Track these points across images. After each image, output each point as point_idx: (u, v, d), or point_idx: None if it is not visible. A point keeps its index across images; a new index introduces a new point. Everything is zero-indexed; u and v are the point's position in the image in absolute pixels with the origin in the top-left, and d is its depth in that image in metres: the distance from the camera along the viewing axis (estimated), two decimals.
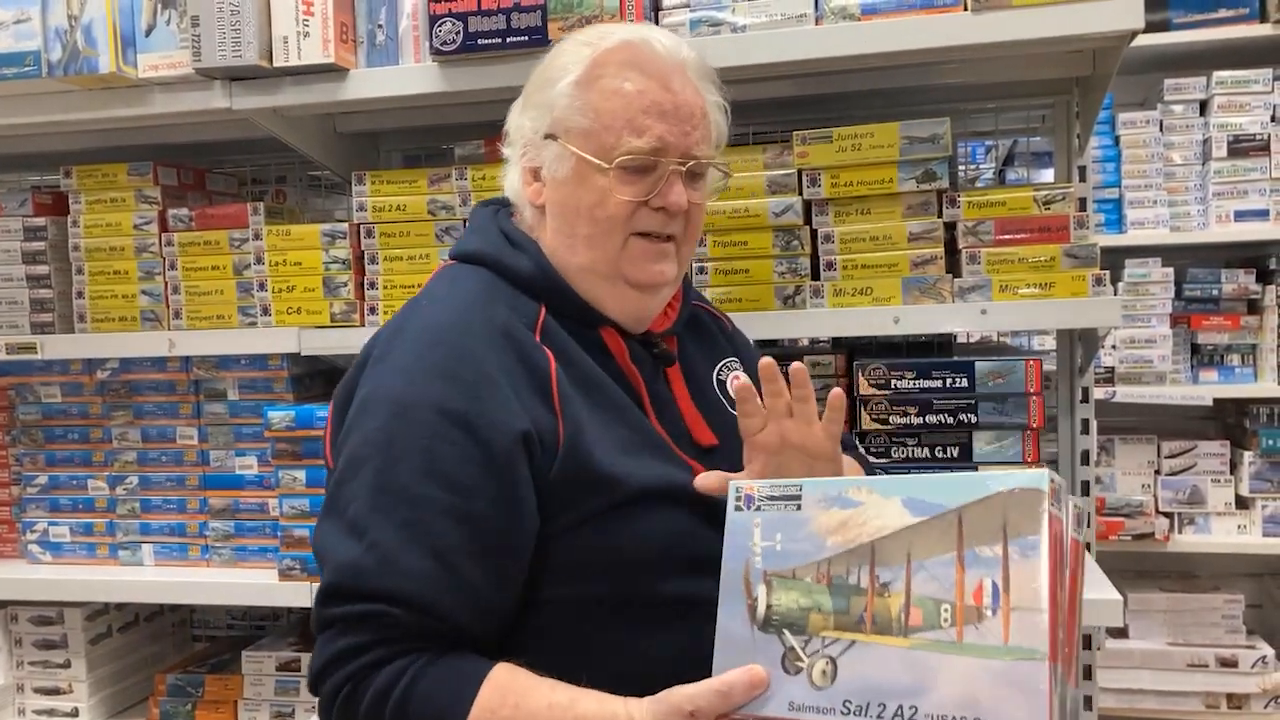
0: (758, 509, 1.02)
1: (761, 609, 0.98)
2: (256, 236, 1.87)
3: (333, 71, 1.68)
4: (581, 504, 1.11)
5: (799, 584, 0.98)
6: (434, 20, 1.60)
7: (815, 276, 1.67)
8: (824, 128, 1.63)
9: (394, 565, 1.03)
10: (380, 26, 1.70)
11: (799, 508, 1.00)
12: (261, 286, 1.86)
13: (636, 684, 1.04)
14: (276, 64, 1.66)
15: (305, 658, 1.94)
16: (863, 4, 1.52)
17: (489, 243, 1.24)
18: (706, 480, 1.15)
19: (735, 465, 1.20)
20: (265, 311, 1.86)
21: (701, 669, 0.99)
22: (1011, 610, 0.87)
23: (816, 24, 1.54)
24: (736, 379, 1.31)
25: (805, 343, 2.05)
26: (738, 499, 1.02)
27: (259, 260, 1.86)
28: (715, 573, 1.02)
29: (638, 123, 1.16)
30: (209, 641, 2.33)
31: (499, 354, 1.12)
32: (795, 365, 1.17)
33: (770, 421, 1.17)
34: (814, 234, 1.66)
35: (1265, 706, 2.88)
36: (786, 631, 0.97)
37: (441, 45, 1.61)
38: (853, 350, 1.79)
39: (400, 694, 1.02)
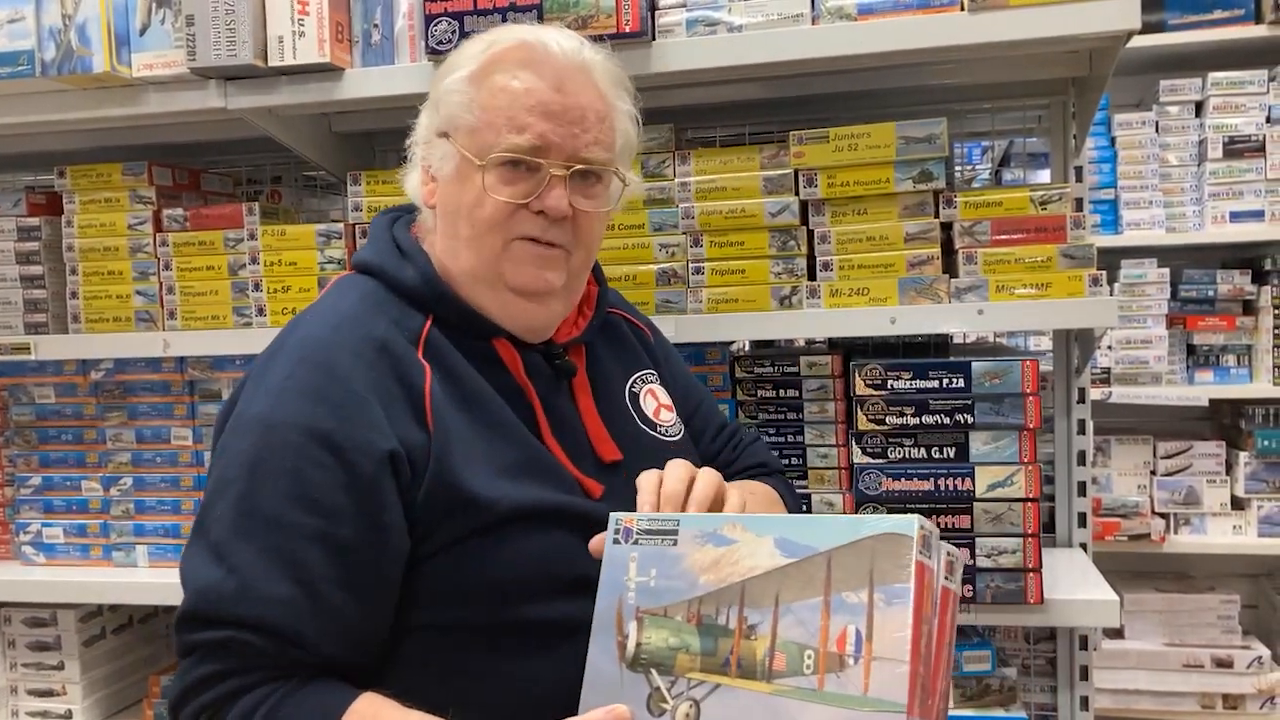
0: (635, 542, 1.01)
1: (631, 647, 0.97)
2: (251, 237, 1.86)
3: (328, 71, 1.67)
4: (450, 527, 1.08)
5: (669, 622, 0.97)
6: (429, 20, 1.60)
7: (811, 277, 1.67)
8: (820, 128, 1.63)
9: (255, 591, 1.01)
10: (376, 26, 1.69)
11: (675, 543, 0.99)
12: (256, 287, 1.86)
13: (509, 713, 1.04)
14: (271, 63, 1.65)
15: None
16: (859, 4, 1.52)
17: (378, 252, 1.22)
18: (595, 544, 1.05)
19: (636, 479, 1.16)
20: (260, 312, 1.86)
21: (574, 697, 0.97)
22: (873, 660, 0.87)
23: (813, 24, 1.54)
24: (651, 394, 1.31)
25: (801, 343, 2.04)
26: (616, 531, 1.02)
27: (254, 260, 1.86)
28: (594, 596, 1.01)
29: (519, 120, 1.13)
30: None
31: (371, 370, 1.09)
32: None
33: None
34: (810, 234, 1.66)
35: (1260, 707, 2.88)
36: (654, 671, 0.96)
37: (437, 45, 1.60)
38: (849, 350, 1.79)
39: None
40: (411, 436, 1.07)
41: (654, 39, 1.57)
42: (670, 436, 1.29)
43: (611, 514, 1.03)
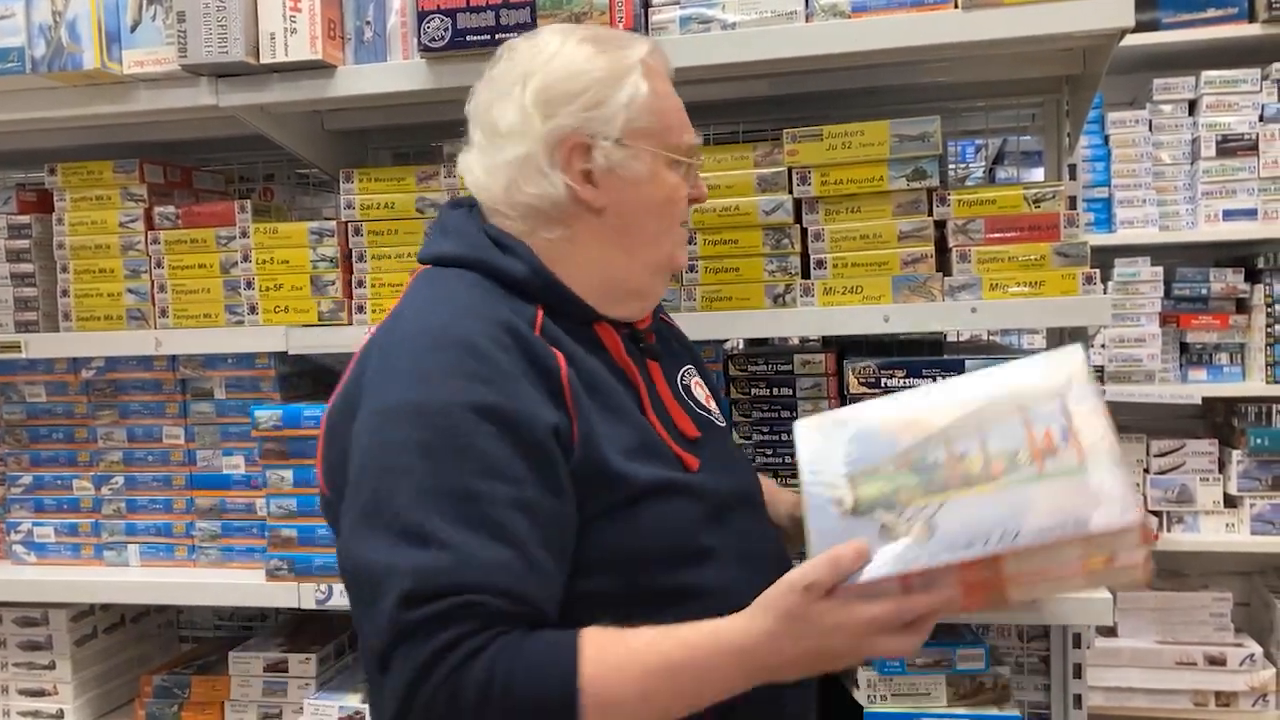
0: (827, 435, 1.14)
1: (849, 501, 1.05)
2: (244, 234, 1.85)
3: (320, 68, 1.67)
4: (594, 501, 1.10)
5: (882, 474, 1.06)
6: (422, 16, 1.59)
7: (805, 275, 1.66)
8: (814, 125, 1.63)
9: (474, 559, 1.00)
10: (368, 23, 1.69)
11: (866, 425, 1.12)
12: (249, 285, 1.85)
13: None
14: (263, 61, 1.65)
15: (293, 659, 1.93)
16: (853, 1, 1.52)
17: (473, 245, 1.20)
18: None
19: (715, 456, 1.25)
20: (252, 310, 1.85)
21: None
22: (1080, 441, 0.99)
23: (807, 21, 1.54)
24: (698, 384, 1.37)
25: (795, 341, 2.04)
26: (804, 430, 1.17)
27: (246, 258, 1.85)
28: (715, 563, 1.11)
29: (685, 122, 1.26)
30: (196, 642, 2.31)
31: (508, 354, 1.09)
32: None
33: None
34: (804, 232, 1.66)
35: (1253, 704, 2.89)
36: (879, 510, 1.03)
37: (430, 42, 1.60)
38: (843, 349, 1.79)
39: (504, 675, 0.97)
40: (559, 417, 1.09)
41: (648, 36, 1.57)
42: (721, 423, 1.36)
43: (796, 423, 1.18)
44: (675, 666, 1.01)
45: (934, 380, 1.55)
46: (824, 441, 1.13)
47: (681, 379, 1.34)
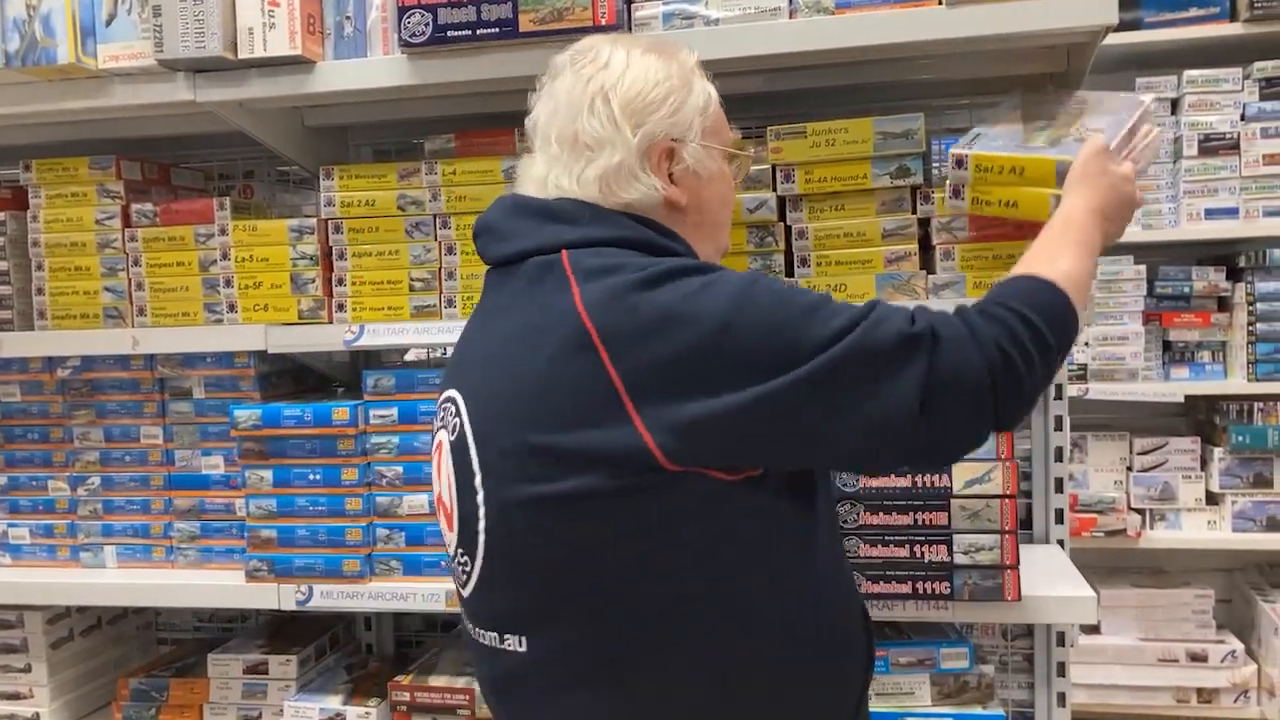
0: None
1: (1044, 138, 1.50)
2: (223, 232, 1.83)
3: (299, 64, 1.65)
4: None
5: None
6: (403, 12, 1.58)
7: (789, 273, 1.66)
8: (798, 123, 1.62)
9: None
10: (348, 18, 1.67)
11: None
12: (228, 283, 1.83)
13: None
14: (241, 56, 1.63)
15: (273, 660, 1.91)
16: None
17: (629, 228, 1.19)
18: None
19: None
20: (232, 308, 1.83)
21: None
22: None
23: (790, 18, 1.53)
24: None
25: None
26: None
27: (225, 256, 1.83)
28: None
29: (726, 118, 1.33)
30: (174, 644, 2.29)
31: None
32: None
33: None
34: (788, 230, 1.65)
35: (1235, 700, 2.90)
36: (1063, 138, 1.50)
37: (410, 37, 1.58)
38: None
39: (1021, 314, 1.10)
40: None
41: (630, 32, 1.56)
42: None
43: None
44: (1074, 244, 1.25)
45: None
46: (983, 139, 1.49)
47: None
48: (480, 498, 1.14)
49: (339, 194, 1.79)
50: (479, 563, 1.16)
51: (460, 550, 1.20)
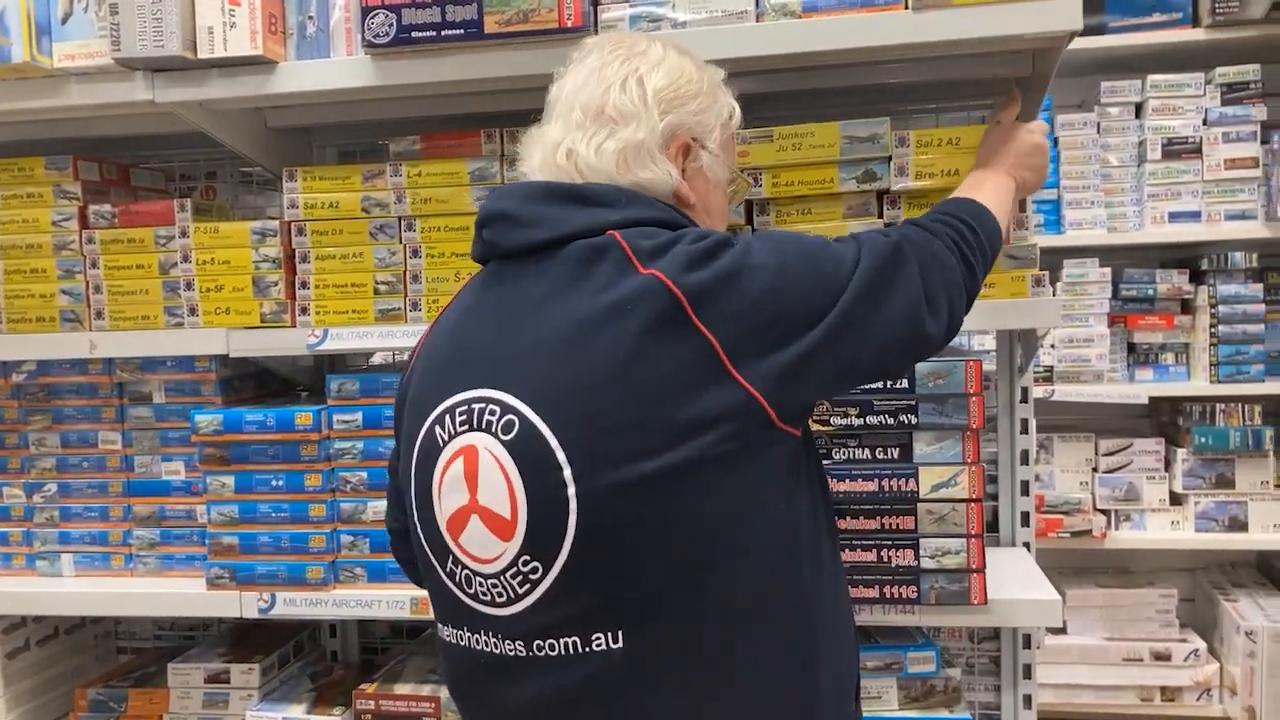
0: None
1: None
2: (183, 234, 1.80)
3: (261, 64, 1.62)
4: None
5: None
6: (366, 12, 1.56)
7: None
8: (765, 126, 1.62)
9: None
10: (311, 18, 1.64)
11: None
12: (188, 286, 1.80)
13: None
14: (201, 55, 1.60)
15: (235, 669, 1.88)
16: (804, 1, 1.50)
17: (669, 211, 1.21)
18: None
19: None
20: (192, 311, 1.80)
21: None
22: None
23: (757, 21, 1.52)
24: None
25: None
26: None
27: (186, 259, 1.80)
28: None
29: None
30: (134, 653, 2.25)
31: None
32: None
33: None
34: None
35: (1197, 699, 2.93)
36: None
37: (374, 38, 1.56)
38: None
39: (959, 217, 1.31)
40: None
41: (597, 34, 1.54)
42: None
43: None
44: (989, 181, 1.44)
45: (885, 383, 1.54)
46: None
47: None
48: (571, 490, 1.07)
49: (302, 196, 1.76)
50: (561, 562, 1.08)
51: (526, 558, 1.10)
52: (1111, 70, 3.02)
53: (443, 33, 1.54)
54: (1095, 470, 2.99)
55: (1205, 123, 2.90)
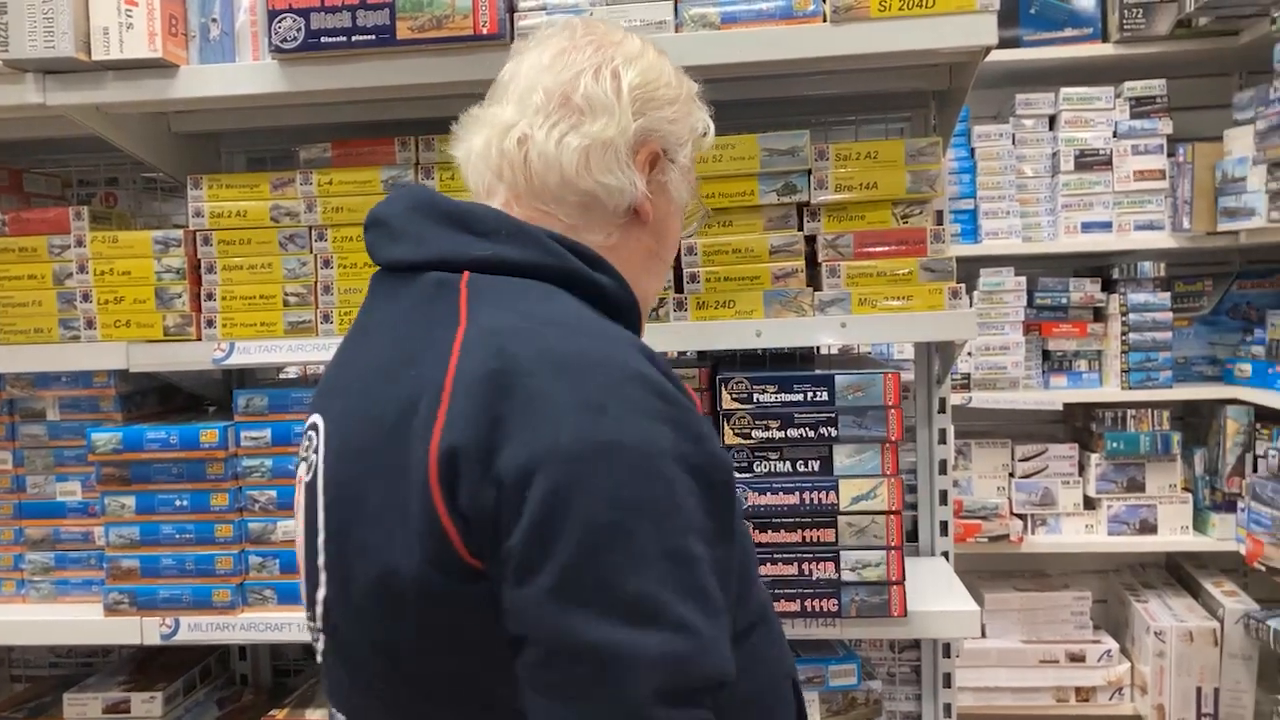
0: None
1: None
2: (79, 243, 1.72)
3: (161, 67, 1.56)
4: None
5: None
6: (273, 16, 1.50)
7: (679, 289, 1.63)
8: None
9: (714, 642, 0.87)
10: (214, 20, 1.58)
11: None
12: (85, 298, 1.72)
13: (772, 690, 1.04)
14: (96, 57, 1.53)
15: (136, 698, 1.80)
16: (723, 13, 1.49)
17: (552, 253, 1.01)
18: None
19: None
20: (90, 325, 1.72)
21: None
22: None
23: (676, 31, 1.50)
24: None
25: (674, 355, 2.01)
26: None
27: (83, 269, 1.72)
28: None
29: None
30: (29, 682, 2.14)
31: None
32: None
33: None
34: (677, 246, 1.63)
35: (1110, 698, 3.00)
36: None
37: (282, 43, 1.51)
38: (717, 362, 1.77)
39: None
40: None
41: (513, 41, 1.51)
42: None
43: None
44: None
45: (805, 396, 1.54)
46: None
47: None
48: (320, 561, 0.99)
49: (208, 204, 1.70)
50: (322, 637, 1.02)
51: (308, 613, 1.04)
52: (1026, 83, 3.08)
53: (353, 38, 1.50)
54: (1012, 476, 3.04)
55: (1115, 135, 2.97)
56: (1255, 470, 2.85)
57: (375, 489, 0.94)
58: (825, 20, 1.48)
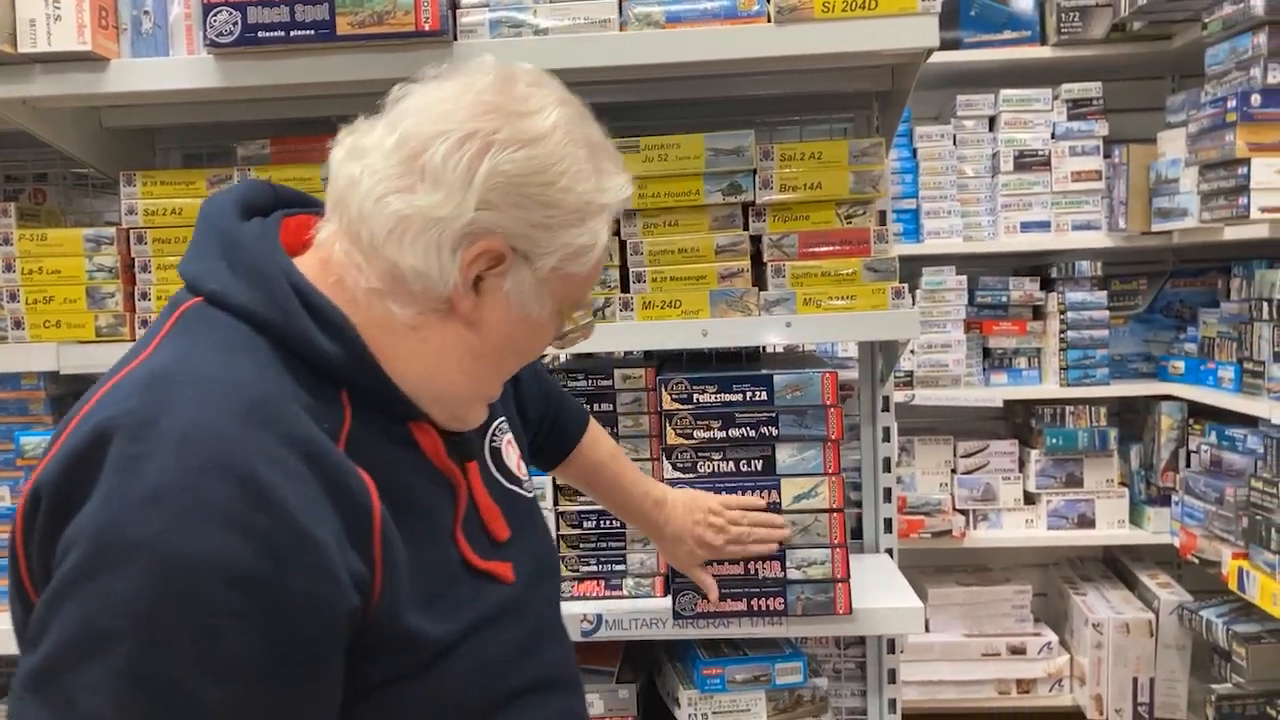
0: None
1: None
2: (6, 241, 1.67)
3: (91, 60, 1.51)
4: (388, 664, 0.89)
5: None
6: (208, 9, 1.47)
7: (625, 289, 1.63)
8: (633, 136, 1.60)
9: None
10: (147, 13, 1.54)
11: None
12: (13, 297, 1.66)
13: None
14: (22, 50, 1.48)
15: None
16: (667, 12, 1.49)
17: (276, 304, 0.89)
18: None
19: (526, 551, 1.06)
20: (18, 325, 1.67)
21: None
22: None
23: (620, 30, 1.50)
24: (509, 444, 1.14)
25: (621, 354, 2.01)
26: None
27: (9, 268, 1.67)
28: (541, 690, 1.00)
29: (599, 272, 1.03)
30: None
31: (305, 488, 0.81)
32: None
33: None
34: (623, 245, 1.62)
35: (1050, 690, 3.06)
36: None
37: (217, 37, 1.47)
38: (663, 361, 1.77)
39: None
40: (358, 573, 0.84)
41: (455, 39, 1.50)
42: (531, 491, 1.15)
43: None
44: None
45: (745, 396, 1.54)
46: None
47: (492, 441, 1.12)
48: None
49: (142, 201, 1.66)
50: None
51: None
52: (966, 84, 3.12)
53: (291, 33, 1.47)
54: (954, 472, 3.08)
55: (1053, 136, 3.02)
56: (1188, 465, 2.93)
57: None
58: (769, 20, 1.48)
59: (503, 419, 1.15)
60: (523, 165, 0.90)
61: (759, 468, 1.55)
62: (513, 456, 1.14)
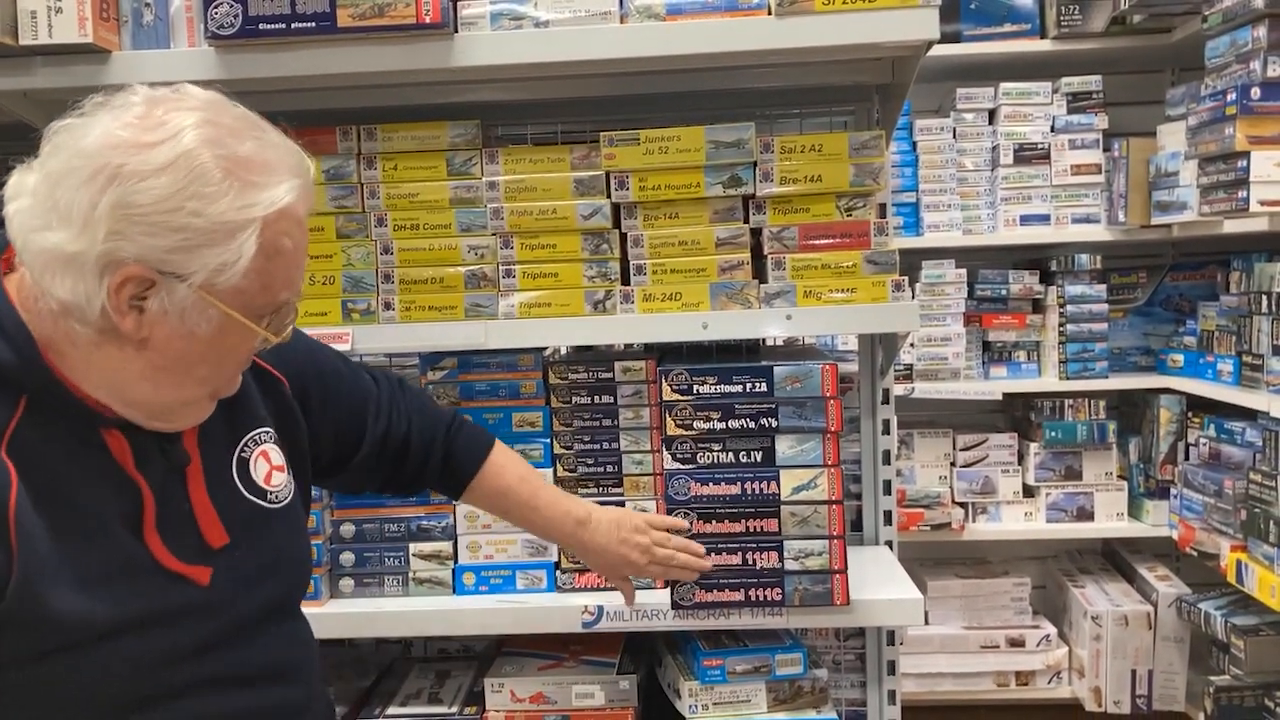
0: None
1: None
2: None
3: (92, 53, 1.52)
4: (30, 644, 0.97)
5: None
6: (209, 1, 1.47)
7: (625, 281, 1.63)
8: (633, 129, 1.60)
9: None
10: (148, 5, 1.55)
11: None
12: None
13: None
14: (24, 41, 1.48)
15: None
16: (668, 4, 1.50)
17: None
18: None
19: (248, 559, 1.10)
20: None
21: None
22: None
23: (621, 22, 1.50)
24: (264, 456, 1.17)
25: (620, 347, 2.01)
26: None
27: None
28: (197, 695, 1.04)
29: (293, 276, 1.04)
30: None
31: None
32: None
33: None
34: (624, 237, 1.63)
35: (1048, 682, 3.07)
36: None
37: (218, 29, 1.48)
38: (664, 354, 1.77)
39: None
40: None
41: (456, 31, 1.50)
42: (279, 503, 1.17)
43: None
44: None
45: (745, 387, 1.55)
46: None
47: (241, 451, 1.15)
48: None
49: None
50: None
51: None
52: (966, 77, 3.12)
53: (292, 25, 1.47)
54: (954, 465, 3.09)
55: (1053, 129, 3.03)
56: (1187, 458, 2.93)
57: None
58: (770, 13, 1.49)
59: (264, 430, 1.18)
60: (146, 195, 0.92)
61: (758, 459, 1.55)
62: (264, 468, 1.17)
